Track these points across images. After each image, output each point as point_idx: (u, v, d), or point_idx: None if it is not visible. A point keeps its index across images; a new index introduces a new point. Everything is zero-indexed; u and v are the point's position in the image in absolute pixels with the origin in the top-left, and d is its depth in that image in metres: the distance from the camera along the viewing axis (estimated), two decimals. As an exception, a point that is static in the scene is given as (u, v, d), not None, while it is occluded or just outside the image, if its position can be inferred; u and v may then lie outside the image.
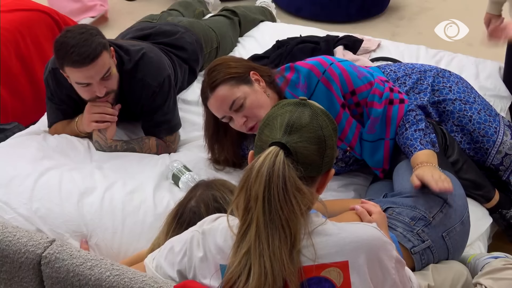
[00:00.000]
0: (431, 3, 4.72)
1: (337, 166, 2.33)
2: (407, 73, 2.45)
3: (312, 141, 1.35)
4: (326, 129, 1.38)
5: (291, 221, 1.31)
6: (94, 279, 1.50)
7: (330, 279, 1.35)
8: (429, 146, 2.07)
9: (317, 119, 1.37)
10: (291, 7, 4.58)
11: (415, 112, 2.18)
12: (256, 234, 1.31)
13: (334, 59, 2.22)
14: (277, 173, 1.31)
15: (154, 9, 3.75)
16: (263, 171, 1.31)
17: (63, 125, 2.53)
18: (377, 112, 2.17)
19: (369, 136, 2.21)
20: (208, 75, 2.16)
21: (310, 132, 1.36)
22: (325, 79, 2.15)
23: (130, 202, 2.15)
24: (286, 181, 1.31)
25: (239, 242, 1.34)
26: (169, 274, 1.49)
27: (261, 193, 1.31)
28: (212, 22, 3.22)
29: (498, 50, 4.00)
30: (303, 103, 1.40)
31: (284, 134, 1.35)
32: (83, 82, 2.26)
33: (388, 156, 2.21)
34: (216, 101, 2.13)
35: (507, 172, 2.37)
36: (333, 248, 1.35)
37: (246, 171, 1.36)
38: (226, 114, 2.14)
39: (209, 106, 2.18)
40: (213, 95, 2.13)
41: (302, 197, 1.32)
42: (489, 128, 2.35)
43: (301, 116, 1.37)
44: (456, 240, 1.95)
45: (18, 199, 2.14)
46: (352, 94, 2.19)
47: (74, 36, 2.19)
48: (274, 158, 1.32)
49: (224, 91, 2.11)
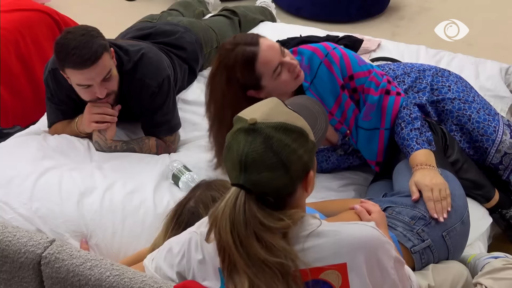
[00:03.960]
0: (431, 3, 4.72)
1: (336, 155, 2.33)
2: (406, 72, 2.46)
3: (271, 169, 1.29)
4: (284, 150, 1.30)
5: (276, 256, 1.30)
6: (94, 279, 1.50)
7: (328, 282, 1.34)
8: (426, 145, 2.08)
9: (271, 145, 1.29)
10: (291, 7, 4.57)
11: (409, 111, 2.18)
12: (246, 274, 1.30)
13: (338, 46, 2.25)
14: (239, 218, 1.30)
15: (154, 9, 3.75)
16: (226, 218, 1.31)
17: (63, 125, 2.53)
18: (373, 99, 2.18)
19: (364, 123, 2.21)
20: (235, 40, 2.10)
21: (266, 162, 1.29)
22: (327, 61, 2.18)
23: (130, 202, 2.15)
24: (250, 224, 1.29)
25: (232, 277, 1.32)
26: (169, 275, 1.49)
27: (230, 240, 1.30)
28: (212, 22, 3.22)
29: (498, 50, 4.01)
30: (252, 129, 1.31)
31: (241, 173, 1.30)
32: (84, 83, 2.26)
33: (383, 148, 2.22)
34: (269, 48, 2.07)
35: (507, 171, 2.37)
36: (331, 250, 1.34)
37: (212, 213, 1.35)
38: (279, 60, 2.07)
39: (261, 60, 2.05)
40: (261, 46, 2.05)
41: (275, 230, 1.31)
42: (488, 127, 2.35)
43: (253, 148, 1.29)
44: (456, 239, 1.95)
45: (18, 199, 2.14)
46: (350, 78, 2.20)
47: (75, 37, 2.19)
48: (234, 203, 1.31)
49: (268, 40, 2.09)
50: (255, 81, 2.08)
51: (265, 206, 1.32)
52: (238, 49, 2.06)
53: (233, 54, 2.06)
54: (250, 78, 2.07)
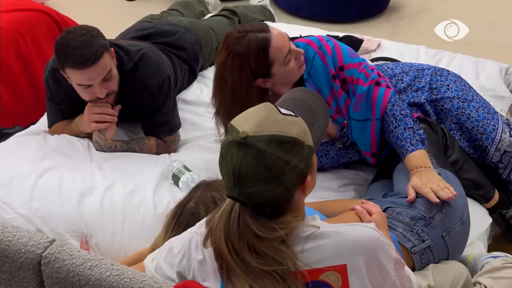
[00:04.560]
0: (431, 3, 4.72)
1: (335, 148, 2.32)
2: (405, 71, 2.46)
3: (264, 182, 1.28)
4: (276, 164, 1.28)
5: (269, 265, 1.30)
6: (94, 279, 1.50)
7: (328, 283, 1.34)
8: (420, 145, 2.08)
9: (263, 160, 1.28)
10: (291, 7, 4.57)
11: (399, 107, 2.17)
12: (245, 280, 1.31)
13: (332, 38, 2.28)
14: (232, 230, 1.31)
15: (154, 9, 3.75)
16: (221, 229, 1.33)
17: (63, 125, 2.53)
18: (362, 89, 2.19)
19: (355, 114, 2.22)
20: (244, 28, 2.10)
21: (259, 176, 1.28)
22: (320, 52, 2.21)
23: (130, 202, 2.15)
24: (243, 236, 1.31)
25: (231, 280, 1.34)
26: (169, 275, 1.49)
27: (225, 250, 1.32)
28: (212, 22, 3.22)
29: (498, 50, 4.01)
30: (243, 143, 1.29)
31: (235, 186, 1.30)
32: (84, 83, 2.26)
33: (375, 139, 2.21)
34: (280, 34, 2.09)
35: (507, 170, 2.37)
36: (331, 251, 1.34)
37: (208, 221, 1.37)
38: (289, 47, 2.09)
39: (273, 46, 2.05)
40: (272, 33, 2.07)
41: (270, 241, 1.31)
42: (487, 125, 2.35)
43: (244, 163, 1.28)
44: (456, 239, 1.95)
45: (18, 199, 2.14)
46: (340, 69, 2.21)
47: (75, 37, 2.19)
48: (229, 215, 1.33)
49: (276, 29, 2.10)
50: (266, 67, 2.08)
51: (262, 215, 1.32)
52: (249, 36, 2.06)
53: (245, 41, 2.05)
54: (263, 65, 2.07)
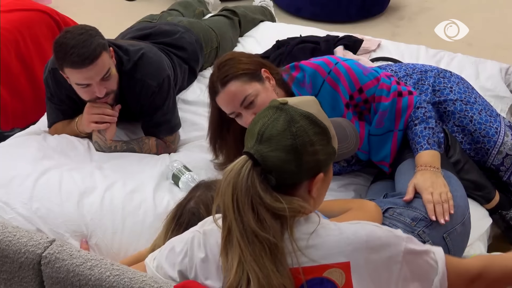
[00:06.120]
0: (431, 3, 4.72)
1: (338, 165, 2.33)
2: (408, 73, 2.45)
3: (284, 150, 1.32)
4: (302, 137, 1.32)
5: (264, 231, 1.30)
6: (94, 279, 1.50)
7: (332, 280, 1.34)
8: (435, 146, 2.07)
9: (292, 127, 1.32)
10: (291, 7, 4.58)
11: (424, 109, 2.16)
12: (238, 243, 1.32)
13: (339, 59, 2.21)
14: (241, 184, 1.31)
15: (154, 9, 3.75)
16: (230, 181, 1.33)
17: (63, 125, 2.52)
18: (384, 106, 2.16)
19: (377, 130, 2.20)
20: (219, 69, 2.10)
21: (281, 141, 1.32)
22: (330, 79, 2.15)
23: (130, 202, 2.15)
24: (249, 192, 1.31)
25: (226, 249, 1.34)
26: (170, 274, 1.49)
27: (230, 204, 1.32)
28: (212, 22, 3.22)
29: (498, 50, 4.01)
30: (280, 107, 1.35)
31: (255, 143, 1.34)
32: (82, 83, 2.26)
33: (396, 149, 2.20)
34: (227, 96, 2.08)
35: (508, 173, 2.37)
36: (335, 248, 1.34)
37: (222, 177, 1.37)
38: (235, 110, 2.10)
39: (218, 101, 2.12)
40: (224, 90, 2.08)
41: (270, 207, 1.31)
42: (490, 128, 2.35)
43: (274, 124, 1.33)
44: (457, 241, 1.95)
45: (18, 199, 2.14)
46: (360, 92, 2.17)
47: (73, 37, 2.19)
48: (240, 168, 1.33)
49: (236, 87, 2.06)
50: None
51: (266, 183, 1.34)
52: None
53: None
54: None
